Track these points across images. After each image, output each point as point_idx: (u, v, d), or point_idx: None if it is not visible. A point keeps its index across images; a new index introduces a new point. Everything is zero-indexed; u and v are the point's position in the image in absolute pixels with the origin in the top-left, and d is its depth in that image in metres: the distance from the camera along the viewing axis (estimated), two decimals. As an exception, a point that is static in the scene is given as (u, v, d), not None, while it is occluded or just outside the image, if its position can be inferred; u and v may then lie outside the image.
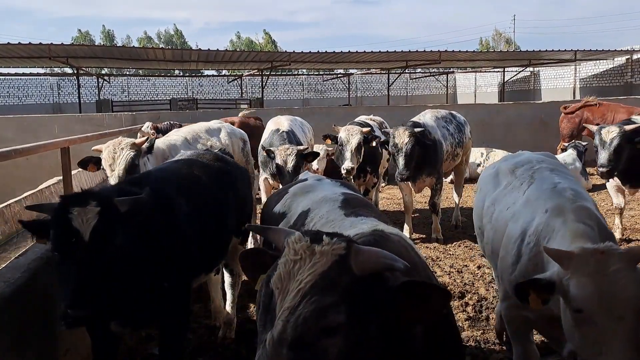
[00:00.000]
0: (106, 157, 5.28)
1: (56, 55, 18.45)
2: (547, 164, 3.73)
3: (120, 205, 2.78)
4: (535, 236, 2.93)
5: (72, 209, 2.62)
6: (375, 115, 9.62)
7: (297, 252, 1.76)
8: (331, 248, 1.74)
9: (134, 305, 3.04)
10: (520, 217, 3.21)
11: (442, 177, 7.51)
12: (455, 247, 7.23)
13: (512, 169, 3.83)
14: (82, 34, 61.41)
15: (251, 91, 36.38)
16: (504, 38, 62.53)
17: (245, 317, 5.05)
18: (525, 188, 3.47)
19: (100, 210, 2.65)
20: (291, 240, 1.81)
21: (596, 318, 2.23)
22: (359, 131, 7.15)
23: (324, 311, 1.62)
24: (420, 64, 24.60)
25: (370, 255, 1.76)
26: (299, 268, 1.72)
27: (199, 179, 3.89)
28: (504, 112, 15.29)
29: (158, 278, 3.09)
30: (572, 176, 3.75)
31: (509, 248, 3.17)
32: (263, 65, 23.71)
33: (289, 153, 6.40)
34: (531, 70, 30.78)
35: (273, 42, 63.39)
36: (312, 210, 3.01)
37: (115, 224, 2.71)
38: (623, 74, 25.20)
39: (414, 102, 31.45)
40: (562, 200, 2.98)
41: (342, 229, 2.57)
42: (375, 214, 2.89)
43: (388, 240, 2.13)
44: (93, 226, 2.60)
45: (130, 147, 5.29)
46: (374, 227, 2.37)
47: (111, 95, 33.12)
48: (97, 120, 12.74)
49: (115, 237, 2.69)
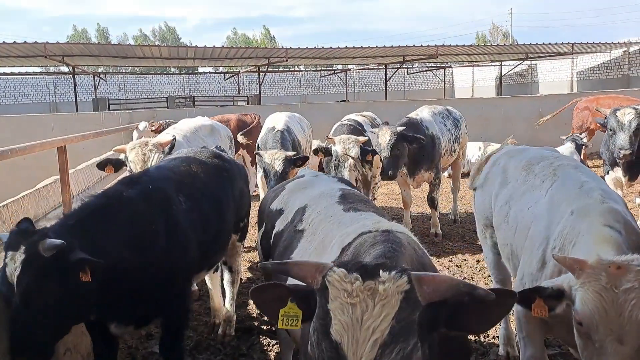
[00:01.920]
0: (135, 160, 5.20)
1: (52, 54, 18.38)
2: (567, 160, 3.49)
3: (44, 251, 2.56)
4: (561, 240, 2.71)
5: (8, 253, 2.57)
6: (372, 110, 9.59)
7: (353, 294, 1.58)
8: (395, 286, 1.59)
9: (133, 306, 3.04)
10: (544, 219, 2.99)
11: (440, 172, 7.51)
12: (454, 241, 7.24)
13: (526, 166, 3.56)
14: (78, 32, 61.29)
15: (248, 88, 36.28)
16: (501, 32, 62.47)
17: (245, 314, 5.05)
18: (548, 186, 3.21)
19: (24, 260, 2.53)
20: (336, 279, 1.63)
21: (594, 337, 2.12)
22: (355, 143, 6.65)
23: (409, 357, 1.54)
24: (417, 58, 24.53)
25: (437, 286, 1.63)
26: (364, 313, 1.56)
27: (197, 176, 3.88)
28: (502, 106, 15.31)
29: (158, 275, 3.08)
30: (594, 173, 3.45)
31: (533, 252, 2.95)
32: (260, 61, 23.64)
33: (276, 157, 6.41)
34: (528, 63, 30.73)
35: (272, 38, 63.31)
36: (310, 206, 2.99)
37: (41, 272, 2.54)
38: (620, 67, 25.18)
39: (412, 97, 31.46)
40: (590, 201, 2.76)
41: (342, 224, 2.58)
42: (373, 208, 2.88)
43: (401, 245, 2.03)
44: (17, 277, 2.52)
45: (157, 149, 5.27)
46: (377, 223, 2.34)
47: (108, 94, 32.96)
48: (94, 119, 12.73)
49: (40, 288, 2.54)
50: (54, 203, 5.51)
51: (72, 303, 2.66)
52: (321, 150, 6.92)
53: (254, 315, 5.03)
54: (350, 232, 2.39)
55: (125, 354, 4.22)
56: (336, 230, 2.58)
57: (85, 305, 2.75)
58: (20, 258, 2.54)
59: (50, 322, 2.59)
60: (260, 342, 4.46)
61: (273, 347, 4.33)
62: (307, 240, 2.76)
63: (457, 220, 8.17)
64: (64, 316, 2.66)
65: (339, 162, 6.59)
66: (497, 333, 4.37)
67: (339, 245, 2.37)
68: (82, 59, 21.36)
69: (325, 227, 2.70)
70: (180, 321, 3.39)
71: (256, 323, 4.82)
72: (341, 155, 6.56)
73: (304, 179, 3.58)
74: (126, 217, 3.04)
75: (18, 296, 2.51)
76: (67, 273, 2.60)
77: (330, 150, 6.75)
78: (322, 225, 2.75)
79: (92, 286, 2.66)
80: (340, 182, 3.49)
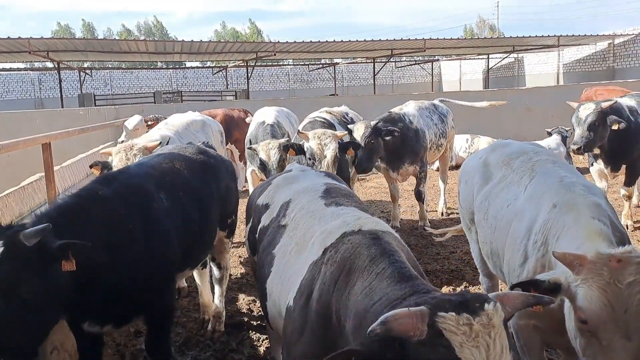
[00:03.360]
0: (118, 165, 5.14)
1: (36, 50, 18.13)
2: (546, 155, 3.45)
3: (25, 239, 2.46)
4: (543, 234, 2.68)
5: None
6: (361, 105, 9.58)
7: (474, 335, 1.55)
8: (499, 316, 1.61)
9: (110, 306, 2.97)
10: (525, 215, 2.95)
11: (426, 166, 7.53)
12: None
13: (506, 161, 3.53)
14: (62, 27, 60.52)
15: (236, 82, 36.11)
16: (488, 25, 62.71)
17: (234, 309, 5.05)
18: (527, 182, 3.17)
19: (3, 252, 2.42)
20: (452, 325, 1.55)
21: (601, 334, 2.06)
22: (332, 138, 5.65)
23: None
24: (405, 52, 24.55)
25: (514, 303, 1.70)
26: (488, 352, 1.55)
27: (179, 172, 3.82)
28: (489, 99, 15.34)
29: (137, 274, 3.03)
30: (572, 167, 3.45)
31: (514, 249, 2.92)
32: (248, 56, 23.51)
33: (270, 147, 6.38)
34: (515, 56, 30.89)
35: (259, 32, 63.00)
36: (293, 200, 3.00)
37: (22, 263, 2.44)
38: (605, 59, 25.40)
39: (400, 91, 31.46)
40: (573, 195, 2.72)
41: (323, 219, 2.60)
42: (355, 203, 2.90)
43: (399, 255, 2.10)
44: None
45: (143, 153, 5.17)
46: (358, 220, 2.38)
47: (93, 89, 32.64)
48: (80, 115, 12.58)
49: (21, 280, 2.43)
50: (39, 200, 5.45)
51: (53, 298, 2.56)
52: (292, 147, 5.84)
53: (243, 310, 5.03)
54: (331, 230, 2.42)
55: (113, 351, 4.20)
56: (317, 226, 2.60)
57: (65, 300, 2.67)
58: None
59: (32, 319, 2.50)
60: (250, 338, 4.46)
61: (263, 342, 4.34)
62: (289, 236, 2.78)
63: (444, 213, 8.23)
64: (45, 312, 2.56)
65: (314, 161, 5.53)
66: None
67: (320, 244, 2.39)
68: (67, 54, 21.10)
69: (307, 223, 2.72)
70: (164, 319, 3.36)
71: (246, 319, 4.82)
72: (317, 153, 5.54)
73: (291, 173, 3.58)
74: (101, 216, 2.95)
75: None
76: (49, 263, 2.52)
77: (303, 148, 5.71)
78: (303, 221, 2.77)
79: (71, 279, 2.60)
80: (326, 177, 3.48)
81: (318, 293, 2.20)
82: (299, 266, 2.47)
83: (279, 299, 2.59)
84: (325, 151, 5.54)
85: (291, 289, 2.43)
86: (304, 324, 2.22)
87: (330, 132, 5.77)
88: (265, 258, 2.88)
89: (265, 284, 2.77)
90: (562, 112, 8.51)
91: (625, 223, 6.98)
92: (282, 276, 2.62)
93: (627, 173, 6.91)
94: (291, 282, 2.48)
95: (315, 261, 2.35)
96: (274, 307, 2.68)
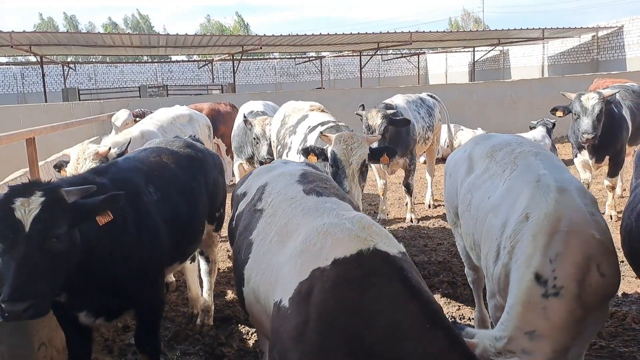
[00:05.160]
0: (70, 170, 5.08)
1: (18, 44, 17.84)
2: (529, 146, 3.43)
3: (67, 195, 2.68)
4: (511, 244, 2.77)
5: (15, 200, 2.55)
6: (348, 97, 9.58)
7: None
8: None
9: (102, 298, 3.00)
10: (500, 210, 3.00)
11: (415, 159, 7.58)
12: (430, 226, 7.34)
13: (489, 153, 3.53)
14: (45, 21, 59.60)
15: (222, 76, 35.89)
16: (473, 18, 62.96)
17: (223, 303, 5.05)
18: (508, 175, 3.19)
19: (44, 201, 2.57)
20: None
21: None
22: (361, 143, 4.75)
23: None
24: (391, 45, 24.58)
25: None
26: None
27: (167, 166, 3.82)
28: (475, 91, 15.46)
29: (127, 267, 3.04)
30: (555, 157, 3.43)
31: (490, 245, 2.99)
32: (234, 49, 23.37)
33: (267, 123, 6.41)
34: (500, 49, 31.10)
35: (246, 26, 62.57)
36: (269, 184, 2.96)
37: (61, 214, 2.62)
38: (589, 51, 25.65)
39: (386, 84, 31.52)
40: (544, 210, 2.73)
41: (309, 214, 2.53)
42: (334, 189, 2.86)
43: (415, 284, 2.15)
44: (34, 217, 2.52)
45: (92, 159, 5.07)
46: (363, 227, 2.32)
47: (78, 84, 32.21)
48: (64, 110, 12.44)
49: (59, 229, 2.59)
50: (24, 196, 5.39)
51: (72, 257, 2.68)
52: (313, 151, 4.78)
53: (232, 304, 5.03)
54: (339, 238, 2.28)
55: (101, 346, 4.18)
56: (301, 218, 2.54)
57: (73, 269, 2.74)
58: (37, 201, 2.55)
59: (55, 271, 2.59)
60: (239, 331, 4.47)
61: (252, 336, 4.34)
62: (267, 222, 2.72)
63: (432, 205, 8.29)
64: (63, 270, 2.65)
65: (337, 169, 4.60)
66: (472, 315, 4.46)
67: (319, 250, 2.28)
68: (50, 48, 20.80)
69: (287, 211, 2.65)
70: (154, 313, 3.36)
71: (234, 312, 4.82)
72: (341, 159, 4.58)
73: (272, 164, 3.59)
74: None
75: (31, 238, 2.49)
76: (78, 223, 2.71)
77: (326, 153, 4.72)
78: (282, 207, 2.71)
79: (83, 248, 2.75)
80: (307, 166, 3.43)
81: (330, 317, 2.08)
82: (286, 259, 2.38)
83: (259, 288, 2.54)
84: (351, 157, 4.58)
85: (279, 283, 2.34)
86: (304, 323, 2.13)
87: (360, 135, 4.86)
88: (242, 243, 2.82)
89: (242, 270, 2.71)
90: (547, 104, 8.59)
91: (609, 214, 7.09)
92: (263, 265, 2.55)
93: (610, 164, 7.01)
94: (278, 276, 2.38)
95: (323, 269, 2.19)
96: (252, 294, 2.63)
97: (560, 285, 2.52)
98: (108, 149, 5.19)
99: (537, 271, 2.57)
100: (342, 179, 4.50)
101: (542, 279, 2.55)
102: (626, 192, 7.66)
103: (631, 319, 4.26)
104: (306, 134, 5.54)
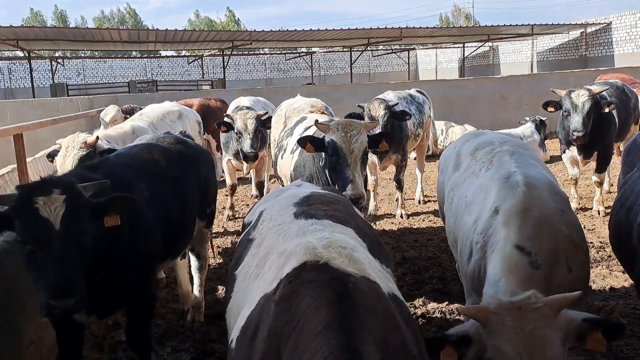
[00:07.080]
0: (58, 159, 5.06)
1: (5, 38, 17.61)
2: (509, 146, 3.45)
3: (84, 191, 2.74)
4: (484, 239, 2.80)
5: (36, 199, 2.55)
6: (339, 94, 9.60)
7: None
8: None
9: (95, 296, 2.97)
10: (473, 209, 3.04)
11: (407, 155, 7.61)
12: (420, 221, 7.37)
13: (473, 151, 3.56)
14: (34, 14, 58.94)
15: (212, 72, 35.71)
16: (463, 13, 63.14)
17: (214, 299, 5.04)
18: (483, 174, 3.23)
19: (67, 198, 2.60)
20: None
21: None
22: (360, 129, 4.43)
23: None
24: (382, 40, 24.59)
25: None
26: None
27: (159, 163, 3.81)
28: (465, 87, 15.52)
29: (121, 265, 3.04)
30: (534, 157, 3.49)
31: (464, 242, 3.04)
32: (224, 45, 23.25)
33: (248, 117, 6.50)
34: (490, 45, 31.22)
35: (236, 21, 62.26)
36: (267, 209, 2.63)
37: (82, 210, 2.67)
38: (578, 47, 25.82)
39: (377, 80, 31.59)
40: (513, 201, 2.78)
41: (288, 237, 2.17)
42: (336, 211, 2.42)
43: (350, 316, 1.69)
44: (63, 215, 2.55)
45: (80, 147, 5.10)
46: (327, 243, 1.95)
47: (66, 79, 31.93)
48: (52, 105, 12.33)
49: (86, 223, 2.67)
50: (12, 193, 5.35)
51: (89, 250, 2.72)
52: (310, 141, 4.42)
53: (223, 300, 5.03)
54: (290, 253, 1.96)
55: (92, 343, 4.16)
56: (280, 244, 2.16)
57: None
58: (60, 198, 2.57)
59: (84, 266, 2.65)
60: (230, 327, 4.47)
61: (243, 332, 4.34)
62: (252, 254, 2.34)
63: (422, 201, 8.33)
64: (85, 262, 2.69)
65: (337, 158, 4.26)
66: (461, 309, 4.49)
67: (275, 272, 1.95)
68: (38, 43, 20.56)
69: (272, 239, 2.27)
70: (146, 310, 3.36)
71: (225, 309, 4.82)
72: (342, 147, 4.26)
73: (284, 187, 3.28)
74: None
75: (63, 235, 2.52)
76: (94, 216, 2.75)
77: (324, 142, 4.37)
78: (269, 235, 2.34)
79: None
80: (319, 188, 3.00)
81: (264, 344, 1.75)
82: (253, 295, 2.01)
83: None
84: (352, 145, 4.29)
85: (240, 324, 1.98)
86: None
87: (358, 122, 4.60)
88: (228, 281, 2.48)
89: (225, 313, 2.37)
90: (536, 99, 8.65)
91: (597, 209, 7.16)
92: (239, 305, 2.15)
93: (598, 160, 7.07)
94: (242, 316, 2.00)
95: (268, 296, 1.88)
96: None
97: (540, 262, 2.57)
98: (96, 139, 5.21)
99: (518, 244, 2.62)
100: (344, 167, 4.22)
101: (525, 250, 2.61)
102: (614, 187, 7.75)
103: (618, 313, 4.31)
104: (301, 135, 5.47)
